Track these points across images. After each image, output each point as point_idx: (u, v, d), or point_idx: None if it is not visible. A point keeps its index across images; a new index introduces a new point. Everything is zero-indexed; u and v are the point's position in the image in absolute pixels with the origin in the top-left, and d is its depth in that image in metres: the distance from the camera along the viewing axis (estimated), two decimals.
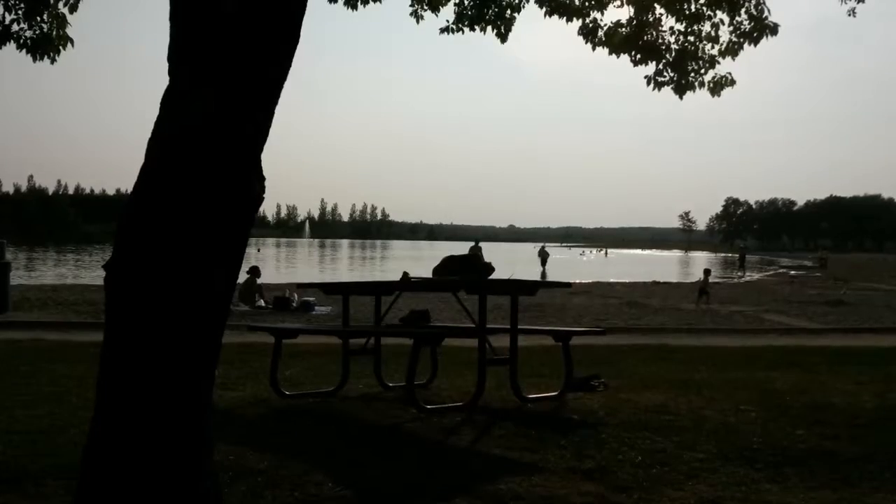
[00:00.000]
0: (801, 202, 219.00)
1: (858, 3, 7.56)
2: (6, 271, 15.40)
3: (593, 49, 7.54)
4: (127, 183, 3.53)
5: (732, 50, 7.39)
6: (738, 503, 4.26)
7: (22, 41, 6.25)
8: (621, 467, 4.81)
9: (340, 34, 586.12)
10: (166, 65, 3.41)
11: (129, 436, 3.26)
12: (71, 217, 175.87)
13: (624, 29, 7.50)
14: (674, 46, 7.50)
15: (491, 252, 38.75)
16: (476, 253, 26.33)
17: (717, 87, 7.50)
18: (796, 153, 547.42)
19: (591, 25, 7.53)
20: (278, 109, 3.50)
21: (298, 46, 3.50)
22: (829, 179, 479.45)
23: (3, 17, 6.25)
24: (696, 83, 7.53)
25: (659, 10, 7.42)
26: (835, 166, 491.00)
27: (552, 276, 38.81)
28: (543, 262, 49.48)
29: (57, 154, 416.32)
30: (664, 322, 15.53)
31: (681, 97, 7.50)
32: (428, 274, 8.04)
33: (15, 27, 6.23)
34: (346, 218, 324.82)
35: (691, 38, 7.47)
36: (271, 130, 3.50)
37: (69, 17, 6.35)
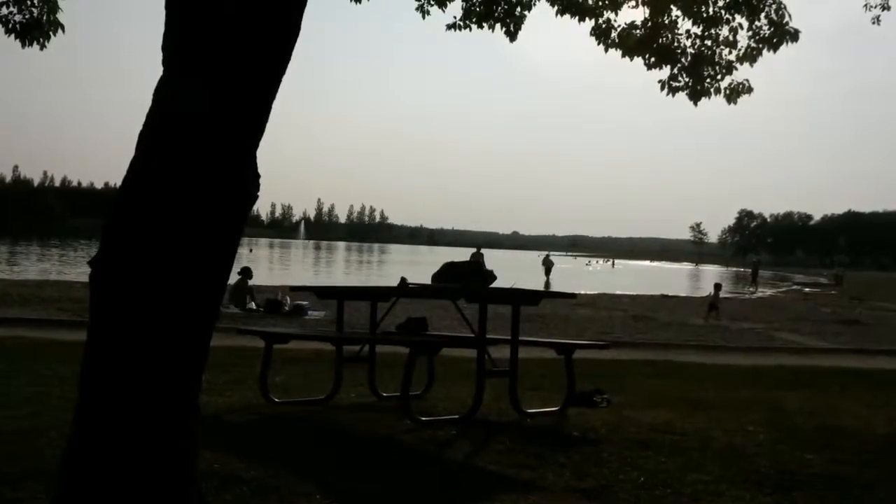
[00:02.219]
0: (817, 216, 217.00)
1: (883, 10, 7.45)
2: None
3: (606, 51, 7.52)
4: (116, 176, 3.51)
5: (751, 56, 7.30)
6: None
7: (11, 25, 6.23)
8: (622, 487, 4.70)
9: (341, 29, 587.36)
10: (160, 54, 3.37)
11: (111, 439, 3.23)
12: (57, 210, 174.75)
13: (638, 31, 7.45)
14: (690, 50, 7.45)
15: (493, 259, 38.77)
16: (477, 260, 26.16)
17: (734, 94, 7.40)
18: (814, 165, 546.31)
19: (604, 26, 7.47)
20: (276, 104, 3.49)
21: (298, 41, 3.48)
22: (848, 194, 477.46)
23: None
24: (712, 89, 7.46)
25: (675, 12, 7.35)
26: (854, 180, 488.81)
27: (556, 286, 38.82)
28: (547, 272, 49.43)
29: (43, 145, 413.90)
30: (671, 337, 15.40)
31: (696, 103, 7.46)
32: (427, 280, 7.96)
33: (4, 10, 6.20)
34: (343, 219, 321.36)
35: (708, 43, 7.43)
36: (268, 126, 3.48)
37: (61, 2, 6.34)
